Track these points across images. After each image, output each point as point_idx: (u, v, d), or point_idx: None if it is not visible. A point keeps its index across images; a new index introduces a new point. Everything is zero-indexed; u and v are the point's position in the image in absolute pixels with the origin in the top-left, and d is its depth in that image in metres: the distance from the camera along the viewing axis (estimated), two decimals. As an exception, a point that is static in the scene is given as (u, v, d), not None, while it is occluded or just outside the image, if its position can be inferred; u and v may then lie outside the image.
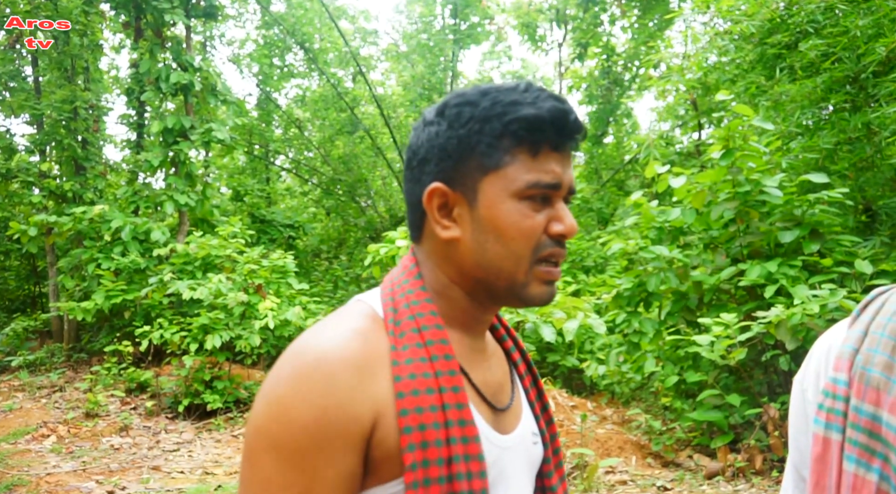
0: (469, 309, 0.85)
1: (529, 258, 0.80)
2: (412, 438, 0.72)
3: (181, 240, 8.74)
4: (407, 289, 0.84)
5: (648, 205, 5.41)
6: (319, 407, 0.71)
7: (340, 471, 0.71)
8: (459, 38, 13.56)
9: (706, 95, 8.93)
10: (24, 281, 11.97)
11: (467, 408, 0.76)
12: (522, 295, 0.82)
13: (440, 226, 0.82)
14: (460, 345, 0.84)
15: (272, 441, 0.71)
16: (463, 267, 0.82)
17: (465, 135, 0.80)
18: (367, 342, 0.77)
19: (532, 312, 5.27)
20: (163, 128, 8.74)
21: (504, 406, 0.87)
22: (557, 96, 0.81)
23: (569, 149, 0.83)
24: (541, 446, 0.91)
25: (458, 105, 0.82)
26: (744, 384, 4.84)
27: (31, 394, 7.38)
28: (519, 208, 0.79)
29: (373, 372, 0.74)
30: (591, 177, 13.26)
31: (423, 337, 0.79)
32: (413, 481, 0.72)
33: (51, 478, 4.64)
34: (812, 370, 0.93)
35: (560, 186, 0.81)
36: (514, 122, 0.78)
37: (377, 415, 0.73)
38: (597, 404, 6.41)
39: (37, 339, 9.71)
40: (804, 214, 4.62)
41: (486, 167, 0.80)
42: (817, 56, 5.31)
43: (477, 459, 0.75)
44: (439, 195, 0.82)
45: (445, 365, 0.77)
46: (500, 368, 0.91)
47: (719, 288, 4.87)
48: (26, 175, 9.52)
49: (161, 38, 9.06)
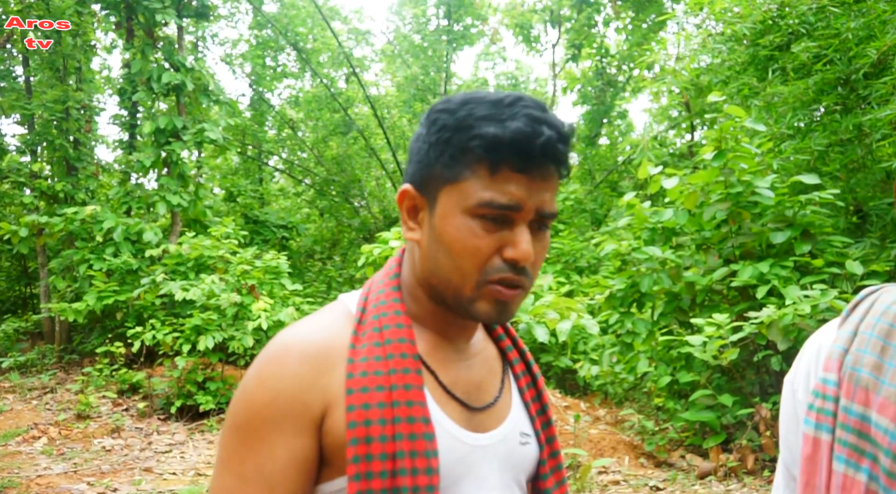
0: (436, 312, 0.86)
1: (475, 277, 0.79)
2: (356, 432, 0.75)
3: (174, 241, 8.70)
4: (379, 289, 0.87)
5: (641, 206, 5.43)
6: (273, 391, 0.76)
7: (292, 452, 0.76)
8: (453, 39, 13.57)
9: (699, 97, 8.97)
10: (14, 281, 11.89)
11: (418, 406, 0.77)
12: (470, 311, 0.81)
13: (406, 226, 0.84)
14: (429, 344, 0.85)
15: (234, 420, 0.78)
16: (422, 270, 0.84)
17: (434, 143, 0.81)
18: (329, 337, 0.81)
19: (525, 313, 5.27)
20: (155, 128, 8.70)
21: (482, 405, 0.86)
22: (538, 116, 0.77)
23: (541, 171, 0.78)
24: (534, 447, 0.90)
25: (439, 111, 0.82)
26: (736, 384, 4.86)
27: (21, 396, 7.33)
28: (469, 225, 0.78)
29: (329, 365, 0.78)
30: (585, 178, 13.29)
31: (383, 335, 0.81)
32: (355, 473, 0.75)
33: (42, 480, 4.61)
34: (802, 370, 0.93)
35: (520, 208, 0.77)
36: (475, 138, 0.77)
37: (327, 406, 0.77)
38: (590, 404, 6.42)
39: (28, 340, 9.65)
40: (795, 215, 4.65)
41: (446, 178, 0.79)
42: (809, 58, 5.34)
43: (423, 455, 0.76)
44: (409, 197, 0.84)
45: (400, 363, 0.79)
46: (485, 367, 0.90)
47: (711, 288, 4.89)
48: (17, 175, 9.46)
49: (153, 38, 9.03)
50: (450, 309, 0.84)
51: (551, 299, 5.26)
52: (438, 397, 0.82)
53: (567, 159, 0.81)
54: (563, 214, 10.41)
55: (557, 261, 8.86)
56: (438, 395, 0.82)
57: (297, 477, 0.76)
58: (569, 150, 0.81)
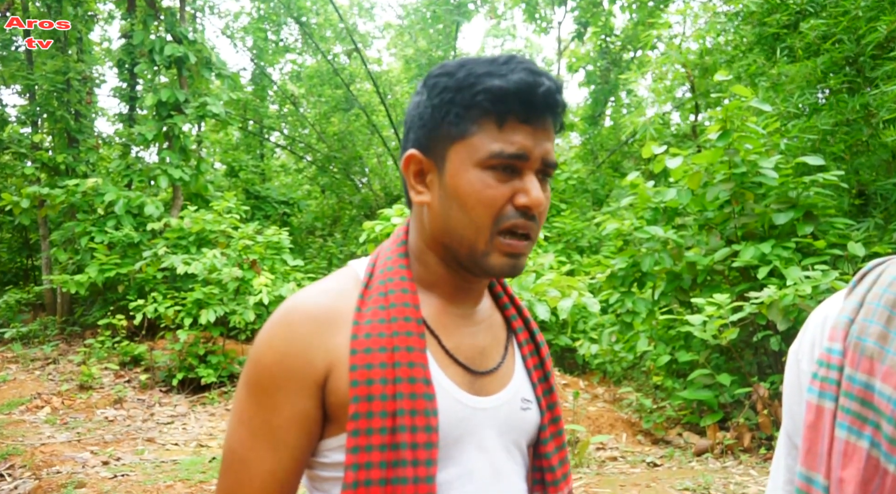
0: (445, 275, 0.89)
1: (490, 227, 0.82)
2: (358, 391, 0.79)
3: (175, 215, 8.69)
4: (387, 255, 0.90)
5: (644, 185, 5.41)
6: (280, 352, 0.81)
7: (296, 410, 0.80)
8: (460, 10, 13.38)
9: (704, 77, 8.89)
10: (16, 253, 11.91)
11: (419, 367, 0.80)
12: (483, 265, 0.84)
13: (414, 191, 0.87)
14: (435, 309, 0.89)
15: (246, 377, 0.83)
16: (433, 232, 0.86)
17: (437, 105, 0.84)
18: (336, 300, 0.85)
19: (526, 291, 5.29)
20: (157, 101, 8.64)
21: (485, 369, 0.89)
22: (535, 69, 0.82)
23: (543, 122, 0.83)
24: (535, 412, 0.92)
25: (438, 75, 0.85)
26: (734, 364, 4.90)
27: (24, 366, 7.39)
28: (482, 177, 0.81)
29: (334, 326, 0.82)
30: (587, 157, 13.23)
31: (388, 299, 0.84)
32: (355, 429, 0.78)
33: (45, 448, 4.67)
34: (807, 340, 0.94)
35: (527, 157, 0.82)
36: (480, 93, 0.80)
37: (331, 366, 0.81)
38: (588, 383, 6.47)
39: (30, 312, 9.69)
40: (799, 196, 4.64)
41: (453, 136, 0.82)
42: (817, 37, 5.28)
43: (423, 414, 0.79)
44: (415, 162, 0.87)
45: (403, 326, 0.82)
46: (489, 334, 0.92)
47: (713, 268, 4.89)
48: (18, 146, 9.43)
49: (155, 9, 8.93)
50: (462, 268, 0.87)
51: (553, 277, 5.27)
52: (441, 360, 0.85)
53: (563, 111, 0.86)
54: (564, 194, 10.39)
55: (559, 241, 8.86)
56: (441, 358, 0.85)
57: (299, 433, 0.81)
58: (565, 103, 0.86)
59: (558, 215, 9.39)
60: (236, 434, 0.83)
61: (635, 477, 3.82)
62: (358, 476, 0.78)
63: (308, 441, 0.82)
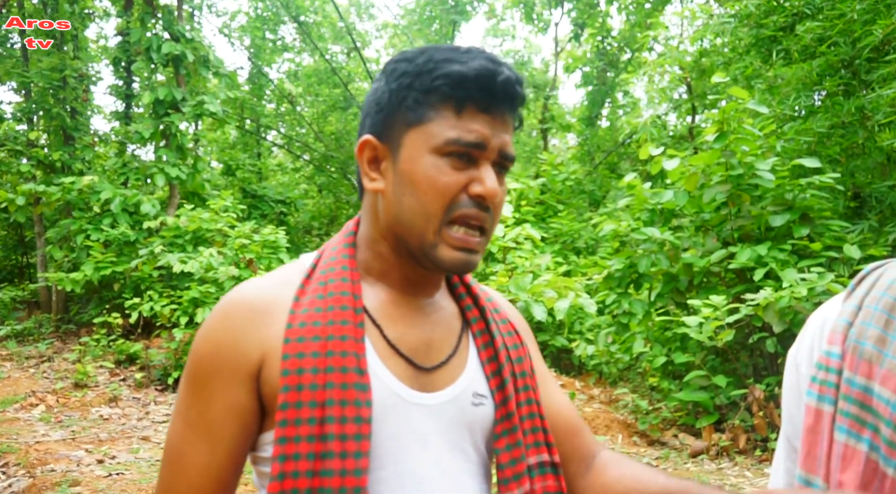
0: (396, 265, 0.87)
1: (440, 216, 0.80)
2: (288, 380, 0.77)
3: (171, 213, 8.68)
4: (334, 245, 0.89)
5: (641, 186, 5.42)
6: (213, 342, 0.80)
7: (230, 401, 0.79)
8: (457, 9, 13.38)
9: (701, 78, 8.92)
10: (11, 250, 11.86)
11: (352, 356, 0.78)
12: (432, 257, 0.82)
13: (368, 177, 0.85)
14: (382, 299, 0.86)
15: (186, 368, 0.83)
16: (387, 220, 0.84)
17: (395, 89, 0.82)
18: (277, 290, 0.84)
19: (523, 291, 5.29)
20: (154, 99, 8.62)
21: (432, 364, 0.85)
22: (496, 59, 0.81)
23: (501, 112, 0.81)
24: (489, 408, 0.88)
25: (397, 61, 0.84)
26: (730, 365, 4.91)
27: (19, 364, 7.36)
28: (437, 164, 0.80)
29: (270, 316, 0.81)
30: (584, 158, 13.25)
31: (327, 288, 0.83)
32: (283, 419, 0.76)
33: (40, 446, 4.65)
34: (806, 344, 0.94)
35: (485, 147, 0.80)
36: (440, 78, 0.79)
37: (264, 356, 0.79)
38: (585, 383, 6.48)
39: (24, 309, 9.66)
40: (795, 198, 4.66)
41: (410, 121, 0.81)
42: (813, 39, 5.30)
43: (353, 404, 0.76)
44: (370, 147, 0.85)
45: (339, 314, 0.80)
46: (440, 326, 0.89)
47: (709, 270, 4.91)
48: (14, 143, 9.38)
49: (152, 6, 8.90)
50: (413, 259, 0.85)
51: (549, 278, 5.28)
52: (382, 351, 0.82)
53: (522, 104, 0.84)
54: (561, 195, 10.40)
55: (555, 242, 8.87)
56: (382, 349, 0.83)
57: (234, 425, 0.79)
58: (524, 95, 0.84)
59: (555, 216, 9.40)
60: (174, 426, 0.82)
61: (631, 478, 3.83)
62: (285, 468, 0.75)
63: (244, 435, 0.80)
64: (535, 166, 11.84)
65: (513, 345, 0.93)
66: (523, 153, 14.55)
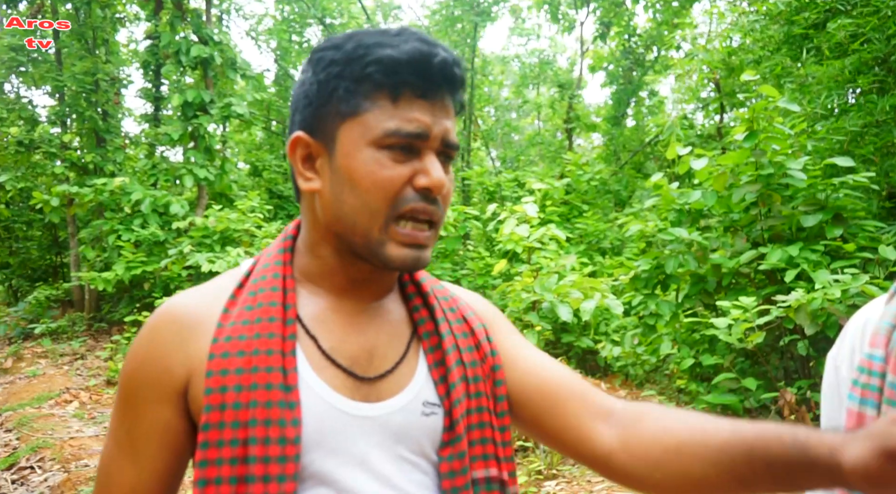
0: (338, 268, 0.81)
1: (385, 213, 0.75)
2: (211, 399, 0.72)
3: (200, 214, 8.81)
4: (269, 251, 0.83)
5: (668, 186, 5.36)
6: (139, 359, 0.77)
7: (155, 420, 0.75)
8: (480, 13, 13.39)
9: (729, 77, 8.79)
10: (45, 250, 12.14)
11: (278, 372, 0.73)
12: (380, 256, 0.76)
13: (303, 177, 0.79)
14: (320, 306, 0.80)
15: (118, 385, 0.79)
16: (326, 221, 0.79)
17: (324, 80, 0.76)
18: (205, 303, 0.79)
19: (548, 292, 5.27)
20: (182, 101, 8.76)
21: (375, 373, 0.79)
22: (429, 40, 0.75)
23: (441, 97, 0.76)
24: (441, 417, 0.81)
25: (324, 49, 0.78)
26: (760, 368, 4.83)
27: (53, 361, 7.53)
28: (377, 157, 0.74)
29: (198, 331, 0.76)
30: (610, 158, 13.14)
31: (256, 298, 0.77)
32: (204, 441, 0.72)
33: (74, 442, 4.76)
34: (847, 346, 0.93)
35: (427, 136, 0.74)
36: (371, 64, 0.73)
37: (190, 373, 0.75)
38: (610, 385, 6.43)
39: (58, 308, 9.88)
40: (828, 198, 4.57)
41: (343, 113, 0.75)
42: (846, 36, 5.20)
43: (278, 424, 0.71)
44: (302, 145, 0.79)
45: (266, 327, 0.75)
46: (385, 332, 0.82)
47: (738, 271, 4.83)
48: (48, 146, 9.61)
49: (181, 10, 9.05)
50: (360, 259, 0.79)
51: (575, 279, 5.25)
52: (317, 364, 0.77)
53: (462, 87, 0.79)
54: (586, 195, 10.33)
55: (581, 242, 8.82)
56: (317, 362, 0.77)
57: (159, 444, 0.75)
58: (463, 77, 0.78)
59: (580, 216, 9.34)
60: (106, 445, 0.80)
61: (659, 481, 3.79)
62: (205, 493, 0.71)
63: (172, 455, 0.76)
64: (559, 166, 11.78)
65: (466, 347, 0.85)
66: (548, 153, 14.49)
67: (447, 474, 0.79)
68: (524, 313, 4.68)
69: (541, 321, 4.68)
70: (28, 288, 11.34)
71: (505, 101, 17.17)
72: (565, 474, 4.00)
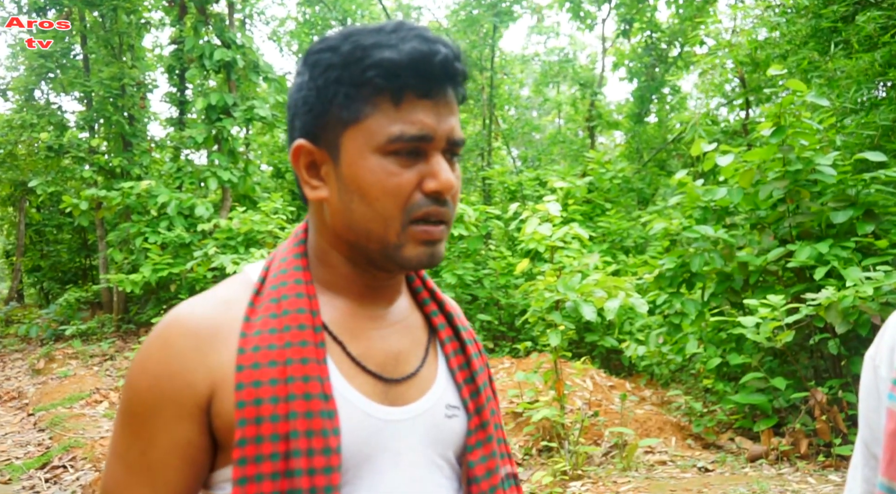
0: (352, 275, 0.79)
1: (399, 219, 0.73)
2: (245, 413, 0.69)
3: (224, 216, 8.92)
4: (283, 256, 0.81)
5: (693, 184, 5.30)
6: (154, 375, 0.72)
7: (175, 438, 0.71)
8: (499, 13, 13.38)
9: (755, 72, 8.65)
10: (75, 253, 12.39)
11: (316, 381, 0.71)
12: (398, 259, 0.75)
13: (308, 186, 0.77)
14: (341, 312, 0.79)
15: (121, 404, 0.74)
16: (336, 229, 0.77)
17: (323, 86, 0.74)
18: (222, 311, 0.75)
19: (572, 291, 5.23)
20: (206, 105, 8.87)
21: (401, 376, 0.79)
22: (428, 36, 0.72)
23: (444, 95, 0.74)
24: (462, 419, 0.82)
25: (319, 51, 0.75)
26: (789, 367, 4.75)
27: (84, 362, 7.68)
28: (383, 165, 0.72)
29: (218, 341, 0.73)
30: (633, 156, 13.02)
31: (280, 306, 0.75)
32: (241, 457, 0.68)
33: (104, 441, 4.84)
34: (886, 345, 0.91)
35: (431, 138, 0.72)
36: (371, 68, 0.71)
37: (214, 386, 0.71)
38: (635, 385, 6.37)
39: (88, 310, 10.08)
40: (858, 194, 4.47)
41: (345, 120, 0.73)
42: (875, 29, 5.09)
43: (321, 434, 0.69)
44: (305, 153, 0.76)
45: (297, 335, 0.73)
46: (406, 336, 0.82)
47: (766, 269, 4.76)
48: (77, 151, 9.80)
49: (205, 15, 9.17)
50: (374, 265, 0.78)
51: (599, 277, 5.21)
52: (346, 370, 0.76)
53: (465, 80, 0.76)
54: (609, 193, 10.24)
55: (604, 241, 8.75)
56: (346, 368, 0.76)
57: (180, 464, 0.72)
58: (465, 70, 0.76)
59: (603, 215, 9.27)
60: (111, 470, 0.74)
61: (686, 482, 3.74)
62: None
63: (194, 475, 0.73)
64: (581, 164, 11.70)
65: (475, 353, 0.87)
66: (569, 151, 14.40)
67: (483, 476, 0.80)
68: (547, 312, 4.65)
69: (564, 320, 4.65)
70: (59, 291, 11.59)
71: (526, 100, 17.10)
72: (591, 474, 3.97)
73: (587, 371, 5.78)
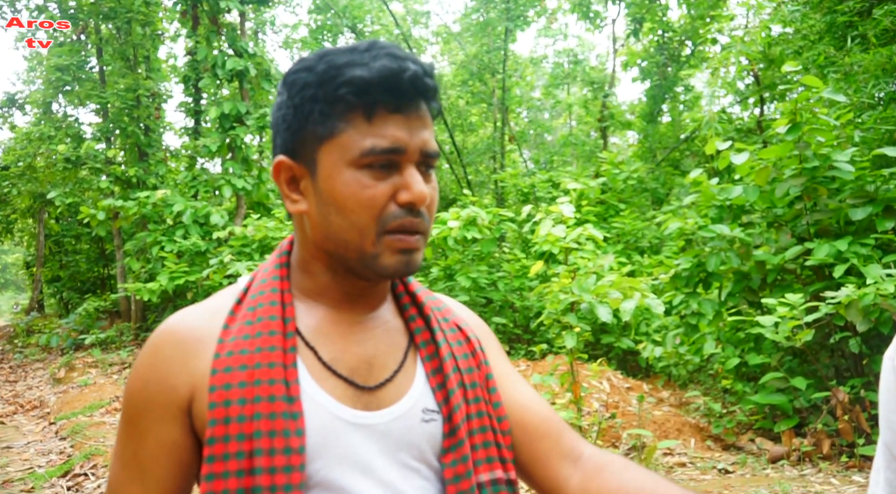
0: (332, 284, 0.83)
1: (374, 229, 0.76)
2: (215, 414, 0.74)
3: (239, 223, 8.98)
4: (266, 267, 0.86)
5: (708, 182, 5.25)
6: (143, 378, 0.78)
7: (161, 439, 0.77)
8: (512, 17, 13.38)
9: (769, 68, 8.56)
10: (93, 263, 12.55)
11: (281, 384, 0.75)
12: (375, 267, 0.78)
13: (289, 200, 0.81)
14: (318, 319, 0.82)
15: (122, 406, 0.81)
16: (316, 240, 0.81)
17: (299, 104, 0.78)
18: (206, 320, 0.81)
19: (587, 292, 5.20)
20: (220, 113, 8.95)
21: (375, 382, 0.81)
22: (398, 54, 0.76)
23: (416, 109, 0.77)
24: (440, 423, 0.83)
25: (297, 71, 0.79)
26: (809, 367, 4.68)
27: (103, 371, 7.76)
28: (357, 177, 0.76)
29: (200, 348, 0.78)
30: (646, 156, 12.94)
31: (255, 314, 0.79)
32: (210, 455, 0.73)
33: (124, 449, 4.88)
34: (905, 345, 0.89)
35: (404, 151, 0.76)
36: (343, 85, 0.75)
37: (194, 390, 0.76)
38: (652, 386, 6.32)
39: (107, 319, 10.19)
40: (877, 190, 4.40)
41: (321, 136, 0.77)
42: (893, 22, 5.01)
43: (282, 435, 0.73)
44: (285, 168, 0.81)
45: (267, 340, 0.77)
46: (383, 342, 0.85)
47: (784, 267, 4.70)
48: (94, 162, 9.93)
49: (217, 25, 9.26)
50: (353, 273, 0.81)
51: (614, 278, 5.17)
52: (317, 375, 0.79)
53: (436, 94, 0.79)
54: (623, 193, 10.18)
55: (618, 241, 8.69)
56: (318, 373, 0.79)
57: (167, 463, 0.77)
58: (436, 85, 0.79)
59: (617, 215, 9.22)
60: (112, 467, 0.81)
61: (706, 484, 3.70)
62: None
63: (180, 473, 0.78)
64: (594, 166, 11.64)
65: (462, 355, 0.88)
66: (582, 153, 14.34)
67: (452, 479, 0.81)
68: (562, 314, 4.63)
69: (579, 322, 4.62)
70: (78, 301, 11.73)
71: (537, 102, 17.07)
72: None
73: (604, 372, 5.74)
